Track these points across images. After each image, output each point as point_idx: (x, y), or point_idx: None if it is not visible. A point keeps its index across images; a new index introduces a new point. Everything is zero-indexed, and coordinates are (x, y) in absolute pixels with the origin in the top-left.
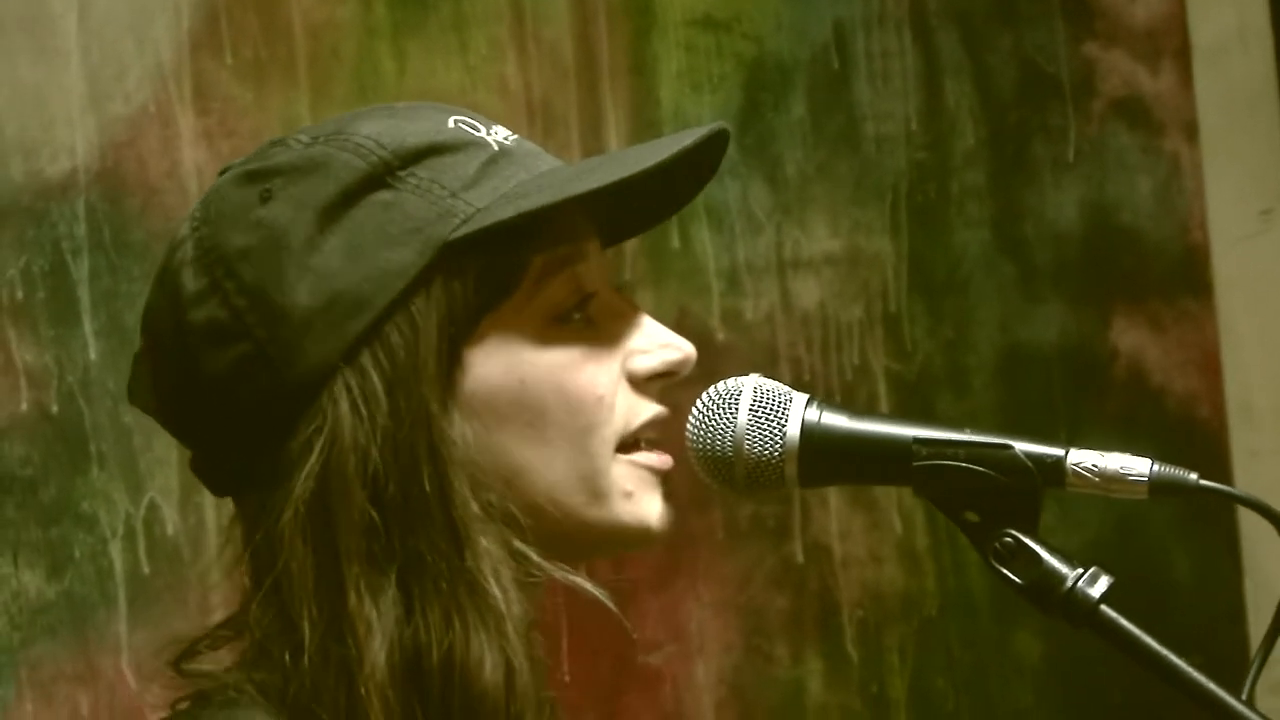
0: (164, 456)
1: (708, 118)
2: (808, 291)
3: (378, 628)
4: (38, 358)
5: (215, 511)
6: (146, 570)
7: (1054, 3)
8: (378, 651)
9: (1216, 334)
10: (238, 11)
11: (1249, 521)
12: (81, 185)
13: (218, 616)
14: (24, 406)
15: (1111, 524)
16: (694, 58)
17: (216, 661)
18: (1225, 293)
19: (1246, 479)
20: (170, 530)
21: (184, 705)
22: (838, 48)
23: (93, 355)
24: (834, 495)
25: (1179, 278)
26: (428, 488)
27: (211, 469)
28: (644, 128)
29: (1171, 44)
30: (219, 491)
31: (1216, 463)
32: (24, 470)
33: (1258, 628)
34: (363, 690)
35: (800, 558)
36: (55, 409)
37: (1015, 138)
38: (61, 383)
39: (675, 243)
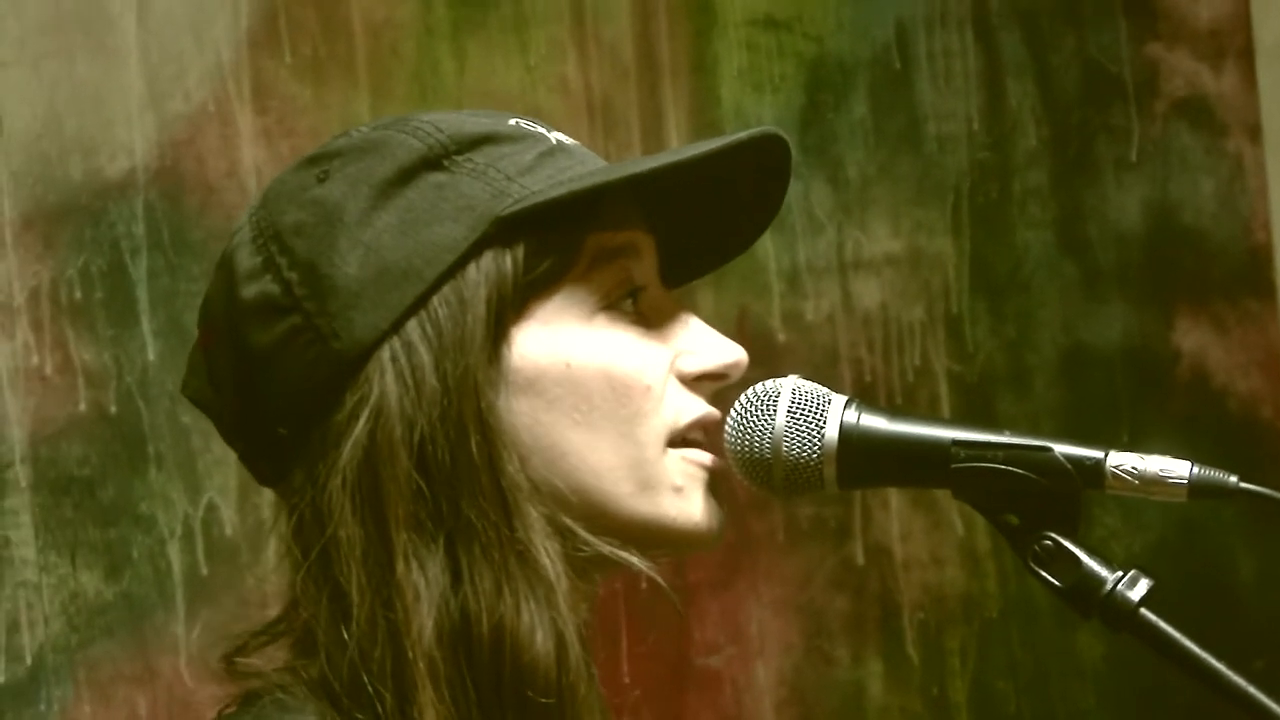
0: (222, 457)
1: (768, 118)
2: (869, 292)
3: (425, 595)
4: (96, 357)
5: (273, 514)
6: (205, 571)
7: (1117, 3)
8: (425, 618)
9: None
10: (297, 10)
11: None
12: (140, 184)
13: (275, 614)
14: (82, 407)
15: (1175, 526)
16: (755, 57)
17: (269, 658)
18: None
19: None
20: (229, 531)
21: (233, 708)
22: (899, 47)
23: (151, 355)
24: (895, 496)
25: (1242, 278)
26: (476, 456)
27: (260, 453)
28: (705, 128)
29: (1235, 44)
30: (266, 480)
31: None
32: (82, 470)
33: None
34: (410, 655)
35: (861, 559)
36: (114, 409)
37: (1078, 138)
38: (120, 383)
39: None
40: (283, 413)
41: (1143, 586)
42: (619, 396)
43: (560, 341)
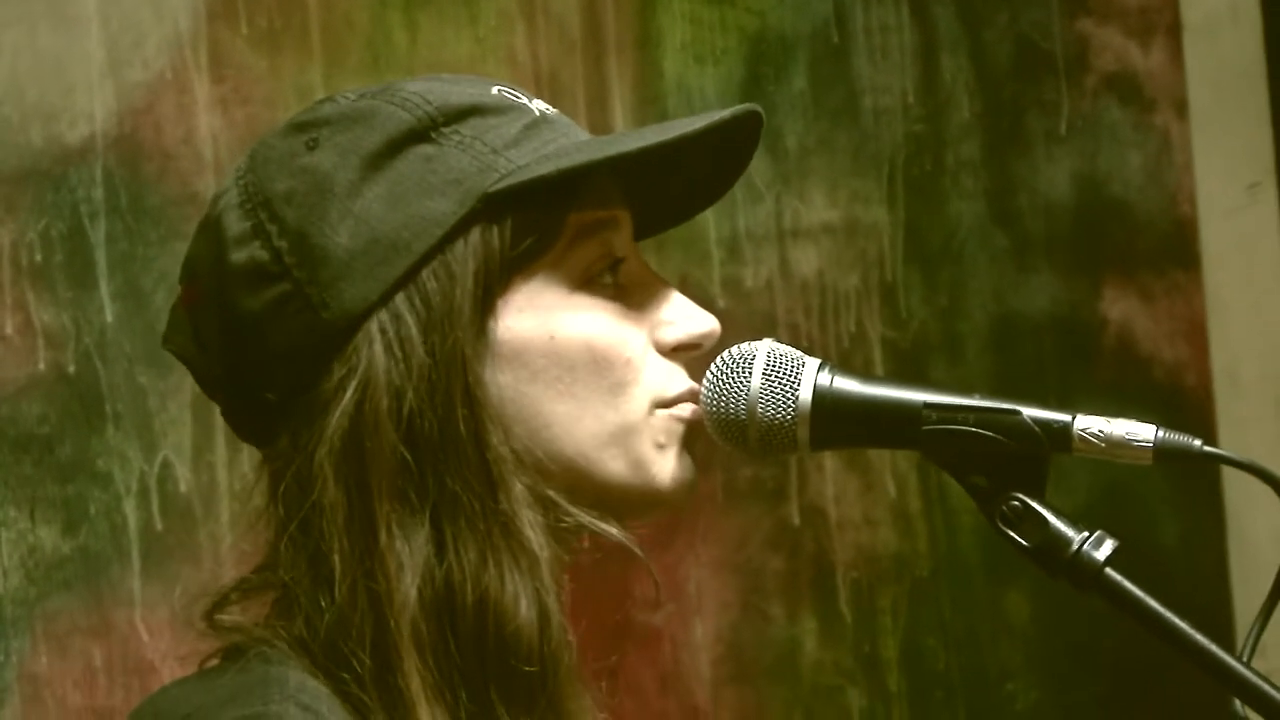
0: (177, 416)
1: (710, 90)
2: (806, 260)
3: (409, 564)
4: (55, 319)
5: (227, 471)
6: (159, 527)
7: None
8: (409, 587)
9: (1204, 305)
10: None
11: (1233, 487)
12: (99, 150)
13: (229, 571)
14: (41, 366)
15: (1101, 491)
16: (698, 31)
17: (246, 613)
18: (1213, 265)
19: (1231, 445)
20: (183, 488)
21: (215, 660)
22: (838, 22)
23: (109, 317)
24: (829, 459)
25: (1168, 250)
26: (462, 429)
27: (244, 413)
28: (648, 100)
29: (1163, 21)
30: (251, 439)
31: (1203, 429)
32: (41, 428)
33: (1240, 590)
34: (393, 624)
35: (796, 520)
36: (72, 369)
37: (1010, 112)
38: (78, 343)
39: None
40: (270, 378)
41: (1108, 547)
42: (600, 368)
43: (544, 315)
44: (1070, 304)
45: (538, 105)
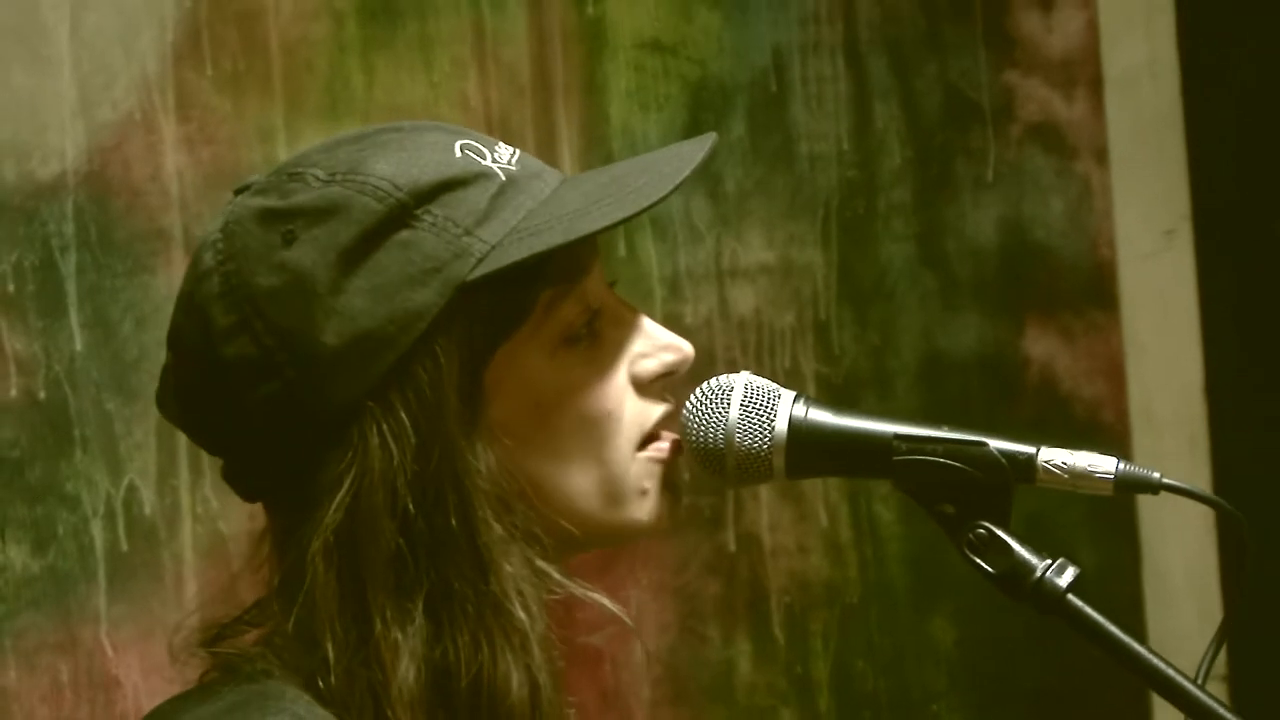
0: (143, 441)
1: (654, 135)
2: (744, 299)
3: (404, 650)
4: (27, 347)
5: (190, 494)
6: (125, 547)
7: (977, 33)
8: (405, 673)
9: (1121, 344)
10: (219, 27)
11: (1148, 520)
12: (70, 187)
13: (191, 591)
14: (13, 392)
15: (1023, 520)
16: (642, 78)
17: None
18: (1130, 306)
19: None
20: (148, 510)
21: (213, 675)
22: (776, 72)
23: (78, 345)
24: (765, 489)
25: (1088, 291)
26: (454, 520)
27: (240, 484)
28: (594, 143)
29: (1085, 74)
30: (250, 499)
31: None
32: (11, 452)
33: (1154, 617)
34: (389, 711)
35: (732, 546)
36: (42, 395)
37: (939, 158)
38: (49, 371)
39: (621, 251)
40: (265, 468)
41: (1069, 574)
42: (585, 427)
43: (527, 386)
44: (995, 343)
45: (501, 159)
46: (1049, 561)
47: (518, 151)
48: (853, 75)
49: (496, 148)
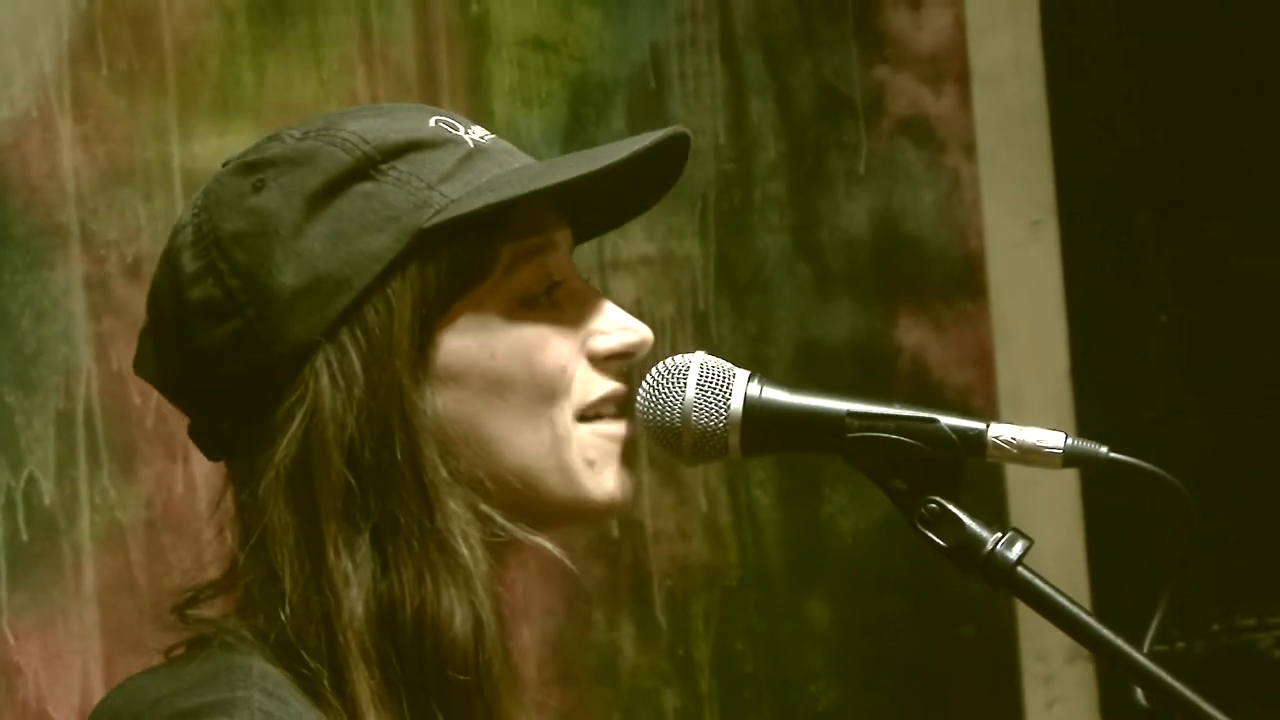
0: (42, 434)
1: (537, 131)
2: (625, 290)
3: (354, 580)
4: None
5: (88, 485)
6: (25, 537)
7: (849, 29)
8: (355, 602)
9: (990, 332)
10: (114, 27)
11: (1016, 497)
12: None
13: (90, 578)
14: None
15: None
16: (525, 76)
17: (213, 609)
18: (998, 295)
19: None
20: (47, 501)
21: (181, 650)
22: (654, 68)
23: None
24: (646, 475)
25: (957, 282)
26: (399, 455)
27: (206, 435)
28: None
29: (953, 69)
30: (213, 456)
31: None
32: None
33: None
34: (342, 637)
35: (616, 532)
36: None
37: (813, 152)
38: None
39: None
40: (226, 408)
41: (1019, 547)
42: (537, 380)
43: (482, 339)
44: (868, 331)
45: (475, 134)
46: (999, 535)
47: (493, 135)
48: (729, 71)
49: (472, 127)
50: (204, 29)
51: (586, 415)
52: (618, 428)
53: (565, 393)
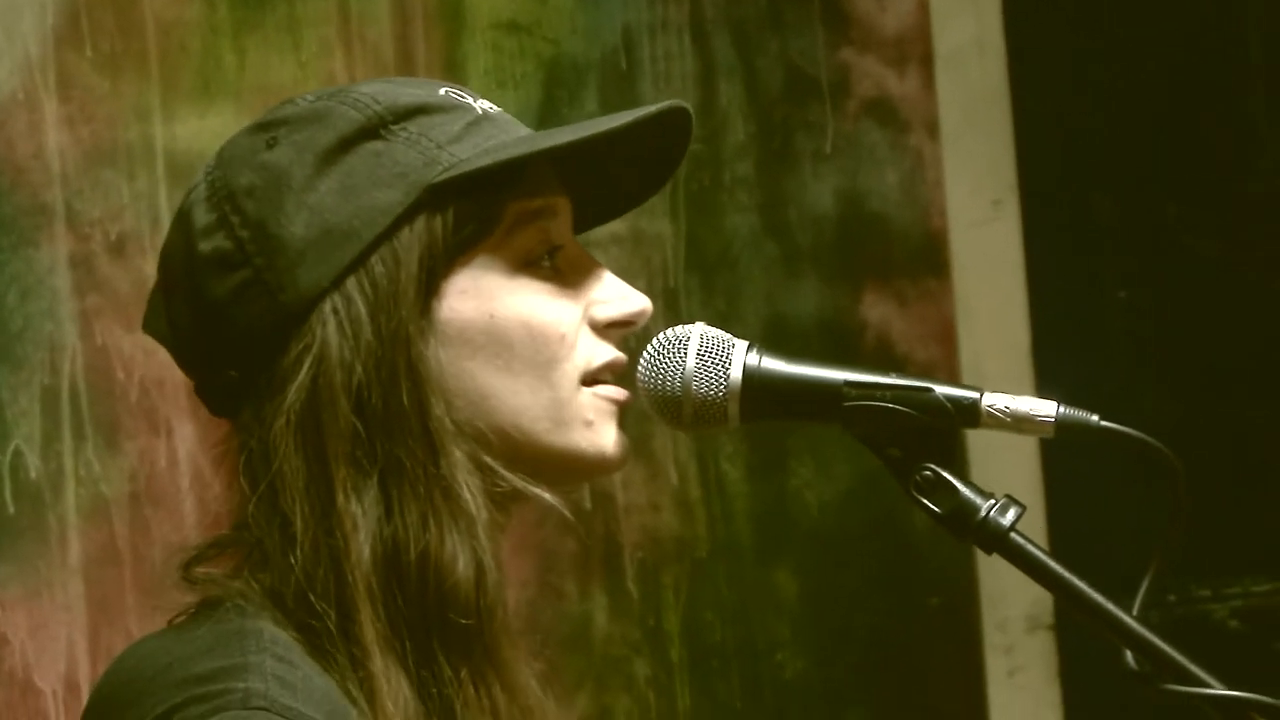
0: (28, 408)
1: (511, 111)
2: None
3: (362, 523)
4: None
5: (73, 458)
6: (11, 510)
7: (815, 12)
8: (362, 544)
9: (953, 309)
10: (97, 10)
11: (978, 468)
12: None
13: (75, 550)
14: None
15: (861, 477)
16: (500, 57)
17: (220, 567)
18: (961, 273)
19: (978, 438)
20: (33, 474)
21: (189, 612)
22: (626, 50)
23: None
24: None
25: (921, 259)
26: (405, 400)
27: (213, 388)
28: None
29: (917, 51)
30: (219, 410)
31: None
32: None
33: (985, 570)
34: (350, 578)
35: (588, 504)
36: None
37: (780, 133)
38: None
39: None
40: (234, 357)
41: (1013, 513)
42: (537, 344)
43: (484, 296)
44: (834, 308)
45: (482, 105)
46: (993, 501)
47: (499, 109)
48: (698, 53)
49: (479, 99)
50: (185, 12)
51: (588, 380)
52: (617, 392)
53: (567, 358)
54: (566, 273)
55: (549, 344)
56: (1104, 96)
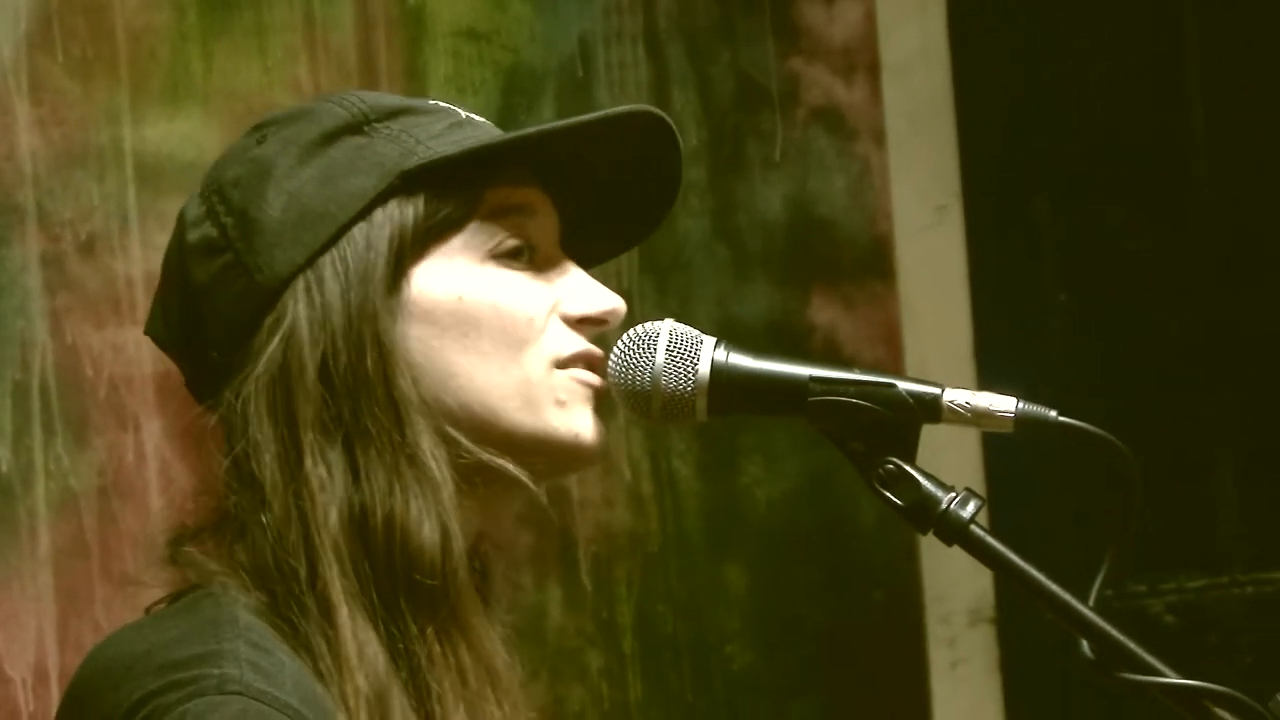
0: None
1: None
2: None
3: (330, 487)
4: None
5: (43, 453)
6: None
7: (766, 23)
8: (329, 507)
9: (898, 311)
10: (69, 16)
11: (924, 462)
12: None
13: (45, 543)
14: None
15: (808, 475)
16: (459, 65)
17: (202, 544)
18: (906, 276)
19: (925, 438)
20: (4, 468)
21: (169, 600)
22: (582, 59)
23: None
24: None
25: (867, 263)
26: (372, 371)
27: (198, 374)
28: None
29: (864, 61)
30: (204, 395)
31: None
32: None
33: (929, 565)
34: (318, 538)
35: (544, 499)
36: None
37: (731, 140)
38: None
39: None
40: (215, 339)
41: (973, 506)
42: (505, 326)
43: (454, 279)
44: (783, 310)
45: (466, 113)
46: (954, 494)
47: (484, 119)
48: (652, 62)
49: (468, 111)
50: (155, 19)
51: (561, 364)
52: (591, 377)
53: (534, 341)
54: (541, 269)
55: (517, 326)
56: (1045, 105)
